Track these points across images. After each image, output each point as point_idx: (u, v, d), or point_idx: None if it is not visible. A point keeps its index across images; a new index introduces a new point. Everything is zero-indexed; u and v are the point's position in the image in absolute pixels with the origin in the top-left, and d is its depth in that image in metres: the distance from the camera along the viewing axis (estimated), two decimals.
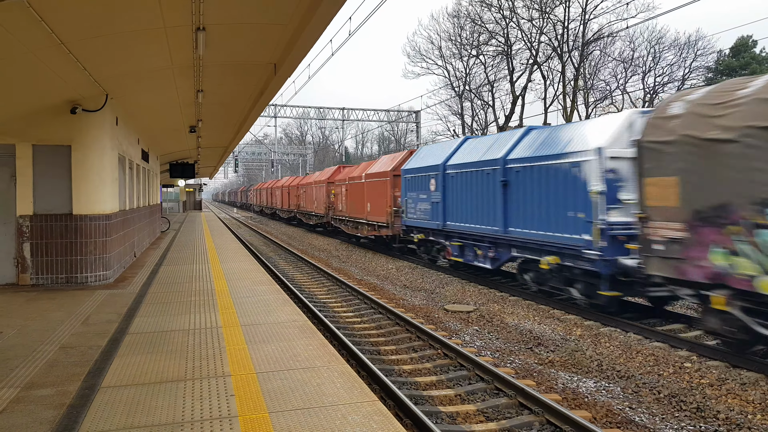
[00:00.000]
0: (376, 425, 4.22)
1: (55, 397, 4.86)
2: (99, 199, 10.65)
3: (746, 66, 39.01)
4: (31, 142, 10.27)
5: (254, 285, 10.38)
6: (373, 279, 16.67)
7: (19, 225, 10.23)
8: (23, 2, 5.42)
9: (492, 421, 6.33)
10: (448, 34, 45.46)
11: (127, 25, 7.08)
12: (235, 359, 5.83)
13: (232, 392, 4.89)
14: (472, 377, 7.76)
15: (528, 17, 39.36)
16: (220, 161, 38.58)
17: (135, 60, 8.92)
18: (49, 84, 8.78)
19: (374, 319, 11.29)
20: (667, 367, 8.25)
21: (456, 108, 47.84)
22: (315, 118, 59.02)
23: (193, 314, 7.95)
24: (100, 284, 10.51)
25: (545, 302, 12.52)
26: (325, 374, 5.37)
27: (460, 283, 15.45)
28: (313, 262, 19.67)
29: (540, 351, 9.16)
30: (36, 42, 6.64)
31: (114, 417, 4.40)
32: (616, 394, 7.28)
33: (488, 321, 11.12)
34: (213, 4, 6.45)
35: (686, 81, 41.44)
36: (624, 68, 43.04)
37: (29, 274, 10.29)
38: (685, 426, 6.28)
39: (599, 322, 10.79)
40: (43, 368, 5.64)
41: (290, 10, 6.78)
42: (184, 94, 11.66)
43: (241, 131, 19.43)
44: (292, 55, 8.30)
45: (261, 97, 11.86)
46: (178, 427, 4.19)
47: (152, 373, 5.43)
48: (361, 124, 64.83)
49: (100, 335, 6.89)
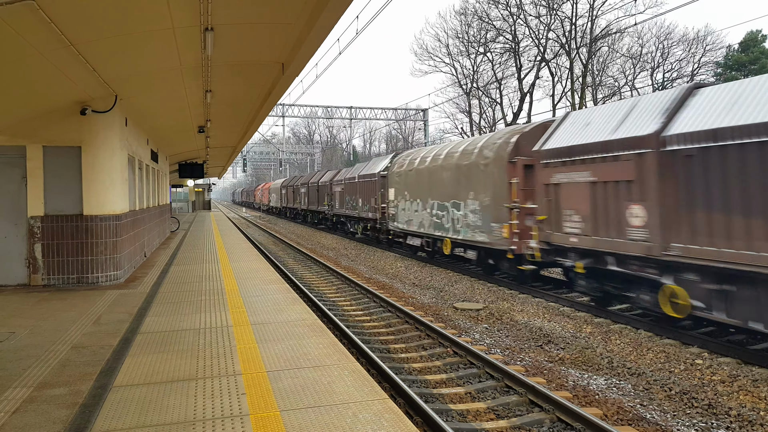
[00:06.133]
0: (387, 423, 4.23)
1: (67, 397, 4.89)
2: (109, 199, 10.71)
3: (755, 61, 38.71)
4: (41, 144, 10.34)
5: (264, 284, 10.41)
6: (382, 277, 16.68)
7: (31, 226, 10.31)
8: (33, 4, 5.46)
9: (502, 419, 6.32)
10: (456, 32, 45.53)
11: (136, 26, 7.11)
12: (246, 358, 5.85)
13: (243, 391, 4.91)
14: (482, 375, 7.75)
15: (535, 14, 39.27)
16: (229, 161, 38.73)
17: (144, 61, 8.97)
18: (59, 85, 8.84)
19: (384, 318, 11.30)
20: (678, 364, 8.20)
21: (464, 106, 47.83)
22: (323, 117, 59.18)
23: (203, 313, 7.99)
24: (111, 284, 10.58)
25: (555, 300, 12.48)
26: (336, 373, 5.37)
27: (470, 281, 15.42)
28: (322, 260, 19.70)
29: (550, 348, 9.13)
30: (45, 43, 6.68)
31: (126, 416, 4.43)
32: (627, 391, 7.25)
33: (498, 319, 11.10)
34: (221, 4, 6.47)
35: (695, 76, 41.19)
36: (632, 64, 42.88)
37: (41, 274, 10.37)
38: (696, 423, 6.24)
39: (609, 319, 10.75)
40: (55, 368, 5.68)
41: (298, 9, 6.79)
42: (193, 94, 11.70)
43: (249, 131, 19.49)
44: (300, 54, 8.31)
45: (269, 97, 11.88)
46: (190, 426, 4.21)
47: (164, 372, 5.46)
48: (368, 123, 64.86)
49: (112, 335, 6.93)
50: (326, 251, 24.25)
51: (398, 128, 77.20)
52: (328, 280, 16.19)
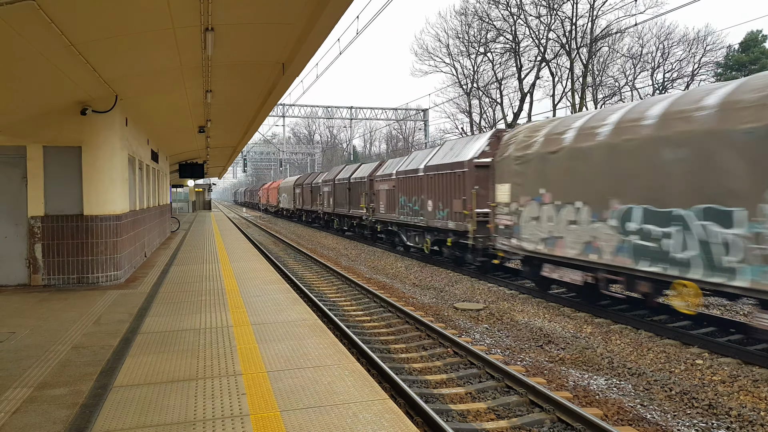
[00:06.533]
0: (388, 423, 4.23)
1: (68, 397, 4.89)
2: (109, 199, 10.71)
3: (756, 61, 38.69)
4: (41, 144, 10.34)
5: (264, 284, 10.41)
6: (383, 277, 16.68)
7: (31, 226, 10.31)
8: (33, 4, 5.46)
9: (503, 419, 6.31)
10: (456, 32, 45.45)
11: (136, 27, 7.12)
12: (246, 358, 5.85)
13: (243, 391, 4.91)
14: (482, 375, 7.75)
15: (536, 14, 39.26)
16: (229, 161, 38.76)
17: (144, 61, 8.97)
18: (59, 85, 8.84)
19: (384, 318, 11.29)
20: (679, 364, 8.20)
21: (464, 106, 47.81)
22: (323, 117, 59.21)
23: (203, 314, 7.99)
24: (111, 284, 10.58)
25: (555, 300, 12.48)
26: (336, 373, 5.38)
27: (470, 281, 15.42)
28: (322, 260, 19.69)
29: (550, 349, 9.13)
30: (46, 44, 6.68)
31: (127, 416, 4.43)
32: (628, 391, 7.25)
33: (498, 319, 11.10)
34: (221, 4, 6.47)
35: (695, 77, 41.18)
36: (633, 64, 42.87)
37: (41, 274, 10.37)
38: (697, 423, 6.24)
39: (610, 320, 10.74)
40: (55, 368, 5.68)
41: (298, 9, 6.79)
42: (193, 94, 11.71)
43: (249, 131, 19.50)
44: (300, 54, 8.32)
45: (269, 97, 11.89)
46: (191, 426, 4.21)
47: (164, 372, 5.46)
48: (369, 123, 64.88)
49: (112, 335, 6.93)
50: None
51: (398, 128, 77.25)
52: (328, 280, 16.16)
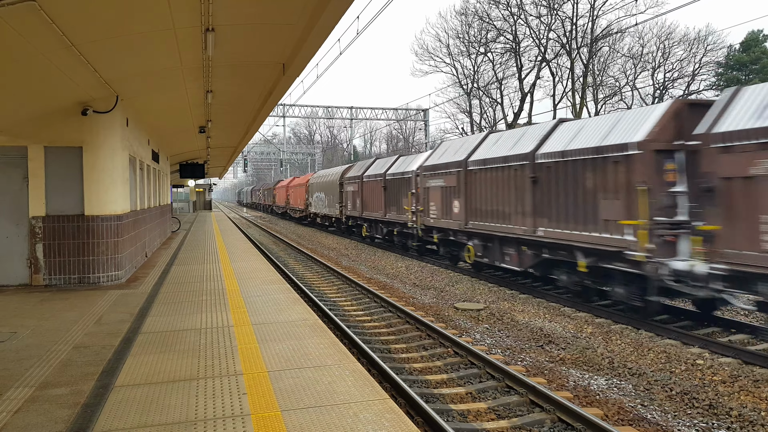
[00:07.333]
0: (388, 423, 4.23)
1: (69, 397, 4.90)
2: (110, 199, 10.72)
3: (757, 61, 38.72)
4: (42, 144, 10.35)
5: (265, 284, 10.42)
6: (383, 277, 16.68)
7: (32, 226, 10.32)
8: (34, 4, 5.47)
9: (503, 419, 6.32)
10: (456, 32, 45.52)
11: (137, 27, 7.12)
12: (247, 358, 5.85)
13: (244, 391, 4.91)
14: (482, 375, 7.75)
15: (536, 14, 39.27)
16: (230, 161, 38.75)
17: (145, 61, 8.98)
18: (60, 86, 8.85)
19: (384, 318, 11.30)
20: (679, 364, 8.20)
21: (464, 106, 47.86)
22: (323, 117, 59.15)
23: (204, 313, 8.00)
24: (112, 284, 10.59)
25: (555, 300, 12.48)
26: (336, 372, 5.38)
27: (470, 281, 15.43)
28: (323, 260, 19.70)
29: (551, 349, 9.14)
30: (47, 44, 6.69)
31: (128, 416, 4.44)
32: (628, 391, 7.25)
33: (498, 319, 11.10)
34: (222, 5, 6.47)
35: (696, 77, 41.18)
36: (633, 64, 42.86)
37: (42, 274, 10.38)
38: (697, 423, 6.25)
39: (610, 320, 10.75)
40: (57, 368, 5.69)
41: (298, 9, 6.80)
42: (194, 94, 11.72)
43: (250, 131, 19.50)
44: (301, 54, 8.32)
45: (270, 97, 11.89)
46: (192, 426, 4.22)
47: (165, 372, 5.47)
48: (369, 123, 64.88)
49: (113, 335, 6.94)
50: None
51: (399, 128, 77.27)
52: (328, 280, 16.15)
